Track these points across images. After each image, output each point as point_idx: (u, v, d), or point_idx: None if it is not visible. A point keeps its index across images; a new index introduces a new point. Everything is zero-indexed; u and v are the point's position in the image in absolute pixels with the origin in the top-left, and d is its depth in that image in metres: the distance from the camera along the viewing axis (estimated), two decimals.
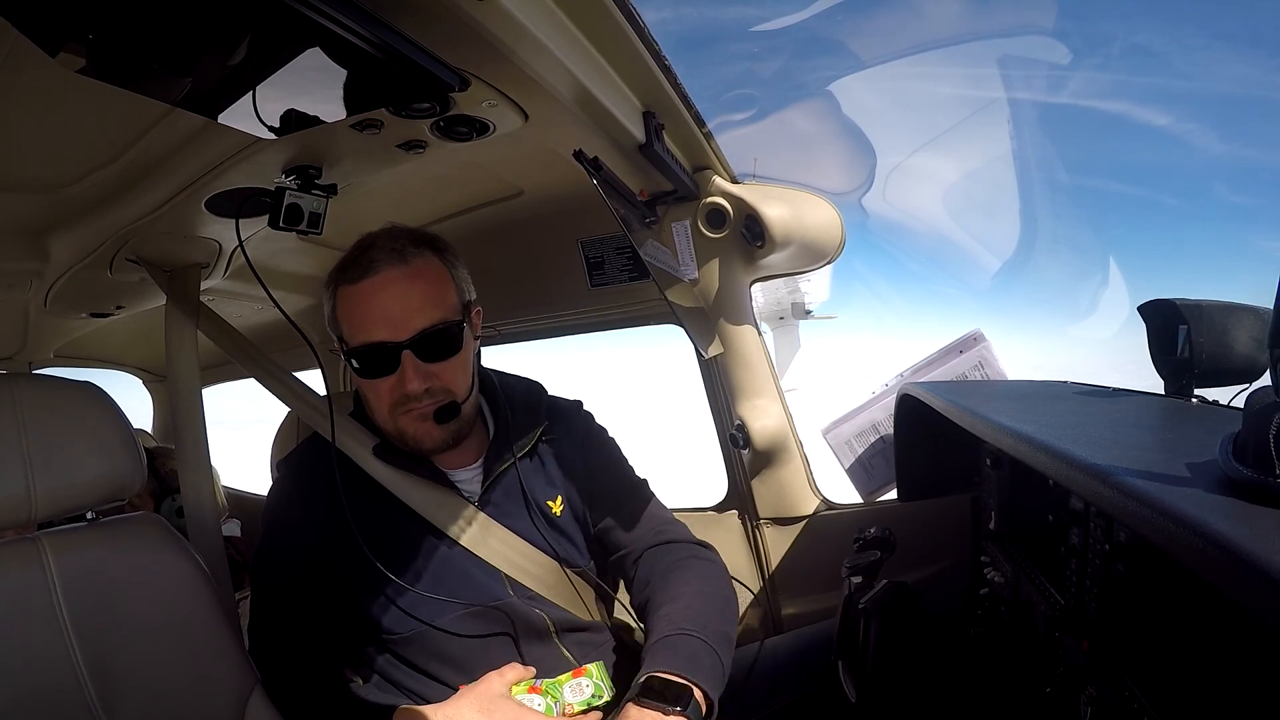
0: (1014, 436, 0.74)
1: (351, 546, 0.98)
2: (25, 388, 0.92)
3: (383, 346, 0.95)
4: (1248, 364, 0.91)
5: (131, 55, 0.62)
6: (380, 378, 0.97)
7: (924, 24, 1.35)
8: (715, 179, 1.30)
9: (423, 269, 0.98)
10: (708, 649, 0.91)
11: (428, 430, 0.99)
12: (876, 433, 1.51)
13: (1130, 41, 4.54)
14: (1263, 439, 0.45)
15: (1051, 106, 1.76)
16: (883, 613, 0.97)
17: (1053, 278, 2.12)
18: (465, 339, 1.01)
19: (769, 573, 1.56)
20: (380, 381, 0.98)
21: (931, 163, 1.65)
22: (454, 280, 1.02)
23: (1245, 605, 0.40)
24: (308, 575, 1.02)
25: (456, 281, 1.03)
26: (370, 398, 1.02)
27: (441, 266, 1.01)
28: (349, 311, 0.97)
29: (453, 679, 0.98)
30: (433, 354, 0.97)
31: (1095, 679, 0.75)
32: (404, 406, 0.98)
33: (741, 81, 1.32)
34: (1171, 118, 14.26)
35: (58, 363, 2.37)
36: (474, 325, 1.06)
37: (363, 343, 0.96)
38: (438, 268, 1.00)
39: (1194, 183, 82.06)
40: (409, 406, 0.98)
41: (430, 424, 0.99)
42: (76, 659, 0.86)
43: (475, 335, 1.06)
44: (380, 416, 1.02)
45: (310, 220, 1.03)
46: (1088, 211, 11.84)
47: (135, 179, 1.02)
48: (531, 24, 0.67)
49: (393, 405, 0.99)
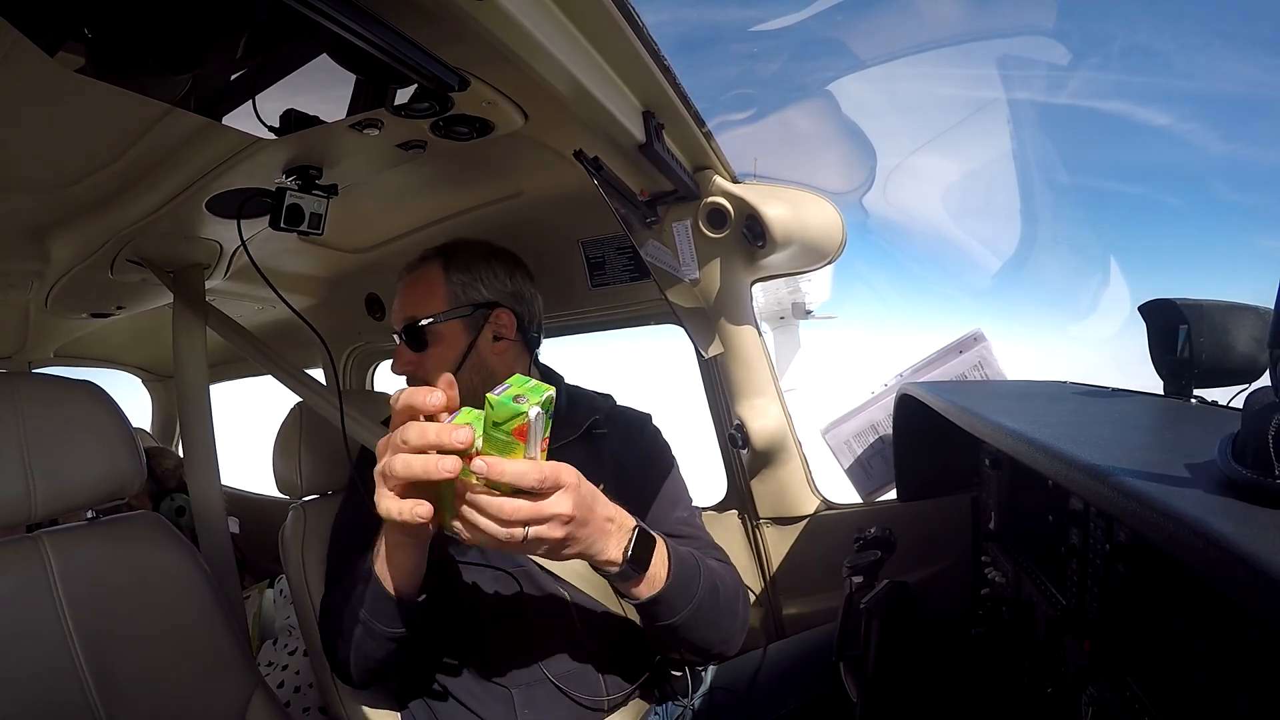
0: (1013, 437, 0.74)
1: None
2: (25, 387, 0.92)
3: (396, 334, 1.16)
4: (1248, 364, 0.91)
5: (131, 54, 0.62)
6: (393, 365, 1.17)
7: (923, 24, 1.35)
8: (716, 179, 1.30)
9: (421, 277, 1.15)
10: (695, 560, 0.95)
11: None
12: (876, 433, 1.51)
13: (1130, 41, 4.50)
14: (1261, 439, 0.45)
15: (1052, 107, 1.75)
16: (884, 612, 0.97)
17: (1053, 277, 2.13)
18: (446, 337, 1.13)
19: (769, 573, 1.56)
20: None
21: (932, 163, 1.65)
22: (448, 285, 1.14)
23: (1245, 605, 0.40)
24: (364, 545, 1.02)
25: (452, 287, 1.14)
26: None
27: (438, 273, 1.15)
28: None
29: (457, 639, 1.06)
30: (412, 345, 1.14)
31: (1097, 679, 0.75)
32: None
33: (741, 81, 1.32)
34: (1172, 117, 14.38)
35: (58, 362, 2.37)
36: (494, 326, 1.16)
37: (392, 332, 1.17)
38: (434, 275, 1.15)
39: (1195, 182, 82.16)
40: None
41: None
42: (78, 657, 0.86)
43: (497, 336, 1.16)
44: None
45: (311, 221, 1.03)
46: (1088, 211, 11.83)
47: (135, 179, 1.02)
48: (531, 24, 0.67)
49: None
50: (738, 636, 1.03)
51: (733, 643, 1.02)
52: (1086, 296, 3.16)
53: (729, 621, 1.00)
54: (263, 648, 1.81)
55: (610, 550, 0.80)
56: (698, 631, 0.94)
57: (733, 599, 1.02)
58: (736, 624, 1.02)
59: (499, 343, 1.16)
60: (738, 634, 1.03)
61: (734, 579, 1.07)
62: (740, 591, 1.06)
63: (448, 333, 1.13)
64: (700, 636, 0.96)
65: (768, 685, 1.15)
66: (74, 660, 0.86)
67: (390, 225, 1.52)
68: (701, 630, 0.95)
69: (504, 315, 1.16)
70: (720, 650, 1.01)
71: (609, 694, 1.10)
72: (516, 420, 0.65)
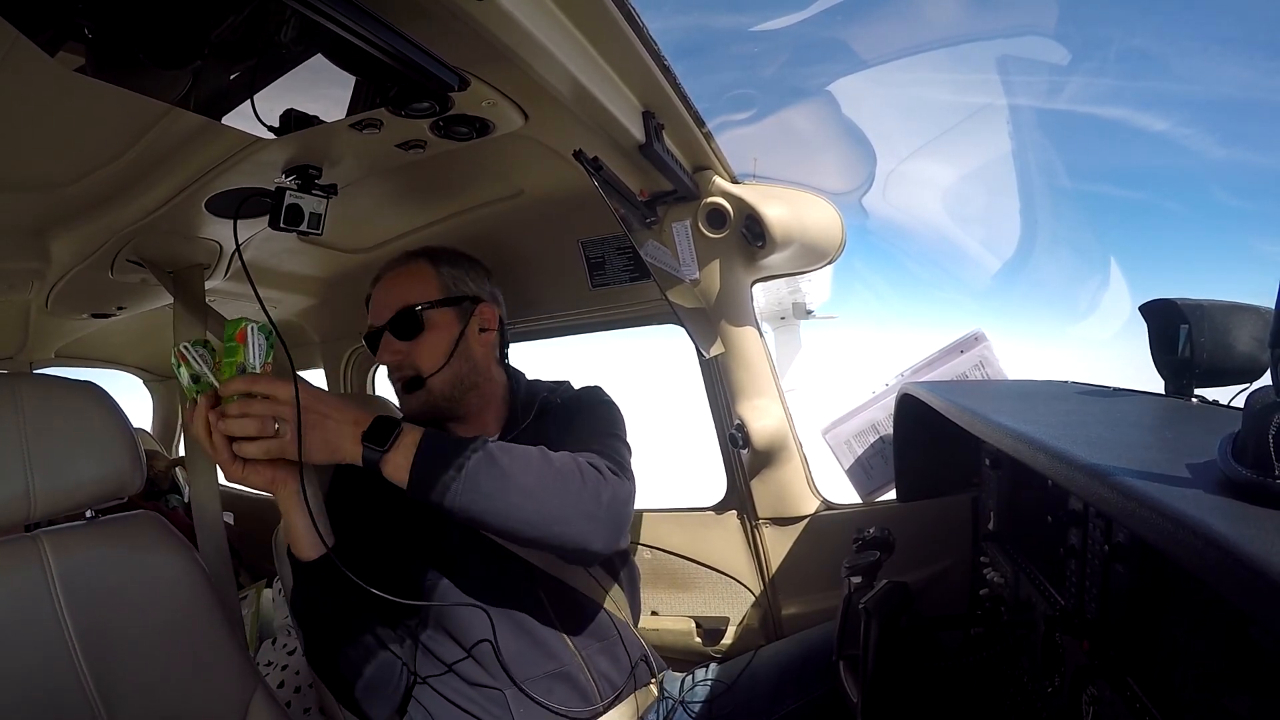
0: (1013, 436, 0.74)
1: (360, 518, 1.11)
2: (26, 387, 0.92)
3: (373, 330, 1.17)
4: (1249, 363, 0.90)
5: (130, 54, 0.62)
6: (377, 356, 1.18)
7: (923, 26, 1.35)
8: (715, 179, 1.30)
9: (411, 270, 1.19)
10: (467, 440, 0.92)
11: (403, 399, 1.19)
12: (876, 433, 1.51)
13: (1127, 45, 4.49)
14: (1262, 439, 0.45)
15: (1050, 112, 1.75)
16: (883, 612, 0.97)
17: (1053, 278, 2.12)
18: (440, 324, 1.17)
19: (769, 573, 1.55)
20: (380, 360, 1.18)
21: (931, 164, 1.65)
22: (439, 277, 1.19)
23: (1244, 606, 0.40)
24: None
25: (443, 278, 1.19)
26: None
27: (429, 267, 1.19)
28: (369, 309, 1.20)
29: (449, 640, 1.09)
30: (402, 334, 1.15)
31: (1097, 679, 0.75)
32: (391, 379, 1.20)
33: (741, 81, 1.32)
34: (1170, 122, 14.17)
35: (59, 363, 2.37)
36: (479, 318, 1.21)
37: (367, 329, 1.19)
38: (424, 268, 1.19)
39: (1193, 187, 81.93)
40: (393, 379, 1.19)
41: (402, 394, 1.18)
42: (77, 656, 0.86)
43: (482, 328, 1.22)
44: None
45: (310, 221, 1.03)
46: (1088, 215, 11.69)
47: (135, 179, 1.02)
48: (531, 24, 0.67)
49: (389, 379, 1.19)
50: (579, 519, 0.93)
51: (573, 525, 0.92)
52: (1086, 297, 3.17)
53: (552, 497, 0.91)
54: (261, 647, 1.81)
55: (347, 439, 0.90)
56: (496, 509, 0.89)
57: (555, 475, 0.93)
58: (567, 501, 0.92)
59: (484, 334, 1.22)
60: (577, 515, 0.93)
61: (569, 462, 0.97)
62: (578, 472, 0.96)
63: (441, 321, 1.17)
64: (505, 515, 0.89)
65: (767, 685, 1.15)
66: (73, 659, 0.86)
67: (390, 225, 1.52)
68: (503, 508, 0.89)
69: (488, 309, 1.23)
70: (560, 535, 0.91)
71: (602, 693, 1.10)
72: (236, 328, 0.89)
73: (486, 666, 1.06)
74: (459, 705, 1.07)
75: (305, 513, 0.96)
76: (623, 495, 1.00)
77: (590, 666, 1.11)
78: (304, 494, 0.93)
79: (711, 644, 1.61)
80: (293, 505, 0.95)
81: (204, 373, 0.90)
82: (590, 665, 1.11)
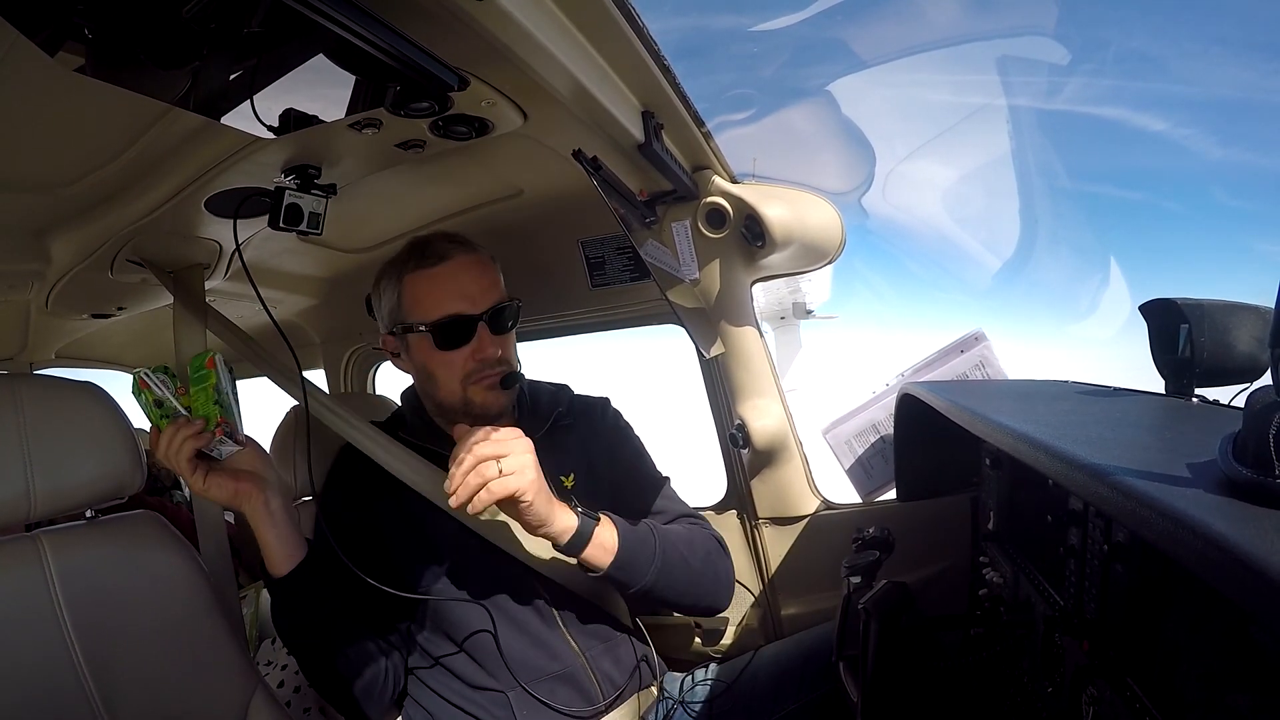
0: (1013, 436, 0.74)
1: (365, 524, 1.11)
2: (26, 388, 0.93)
3: (462, 318, 1.07)
4: (1249, 363, 0.90)
5: (130, 54, 0.62)
6: (457, 348, 1.08)
7: (922, 26, 1.35)
8: (715, 179, 1.30)
9: (486, 260, 1.14)
10: (647, 528, 1.04)
11: (495, 397, 1.11)
12: (876, 433, 1.51)
13: (1126, 46, 4.50)
14: (1262, 439, 0.45)
15: (1049, 113, 1.74)
16: (882, 612, 0.96)
17: (1054, 278, 2.12)
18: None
19: (768, 573, 1.55)
20: (455, 353, 1.09)
21: (931, 164, 1.64)
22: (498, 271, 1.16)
23: (1244, 606, 0.40)
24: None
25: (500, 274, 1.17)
26: (440, 372, 1.11)
27: (490, 260, 1.16)
28: (427, 292, 1.09)
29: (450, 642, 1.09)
30: (500, 327, 1.11)
31: (1096, 679, 0.75)
32: (476, 375, 1.09)
33: (740, 82, 1.32)
34: (1170, 123, 14.17)
35: (59, 363, 2.37)
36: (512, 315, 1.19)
37: (444, 316, 1.07)
38: (489, 260, 1.15)
39: (1193, 187, 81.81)
40: (481, 375, 1.09)
41: (498, 391, 1.11)
42: (77, 656, 0.86)
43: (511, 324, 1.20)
44: (448, 388, 1.11)
45: (310, 220, 1.03)
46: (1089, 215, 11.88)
47: (135, 179, 1.02)
48: (531, 23, 0.67)
49: (465, 376, 1.09)
50: (723, 590, 1.13)
51: (720, 596, 1.13)
52: (1087, 297, 3.16)
53: (707, 578, 1.10)
54: (261, 647, 1.81)
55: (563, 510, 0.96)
56: (674, 591, 1.04)
57: (707, 556, 1.10)
58: (717, 579, 1.12)
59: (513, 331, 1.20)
60: (722, 589, 1.13)
61: (705, 538, 1.14)
62: (715, 547, 1.15)
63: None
64: (680, 596, 1.06)
65: (767, 685, 1.15)
66: (73, 659, 0.86)
67: (390, 225, 1.52)
68: (679, 590, 1.05)
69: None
70: (710, 604, 1.12)
71: (604, 694, 1.10)
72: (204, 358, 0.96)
73: (489, 668, 1.06)
74: (461, 707, 1.07)
75: (274, 524, 0.97)
76: (730, 561, 1.18)
77: (593, 667, 1.10)
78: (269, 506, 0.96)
79: (711, 644, 1.61)
80: (261, 519, 0.96)
81: (167, 398, 0.93)
82: (593, 666, 1.11)
